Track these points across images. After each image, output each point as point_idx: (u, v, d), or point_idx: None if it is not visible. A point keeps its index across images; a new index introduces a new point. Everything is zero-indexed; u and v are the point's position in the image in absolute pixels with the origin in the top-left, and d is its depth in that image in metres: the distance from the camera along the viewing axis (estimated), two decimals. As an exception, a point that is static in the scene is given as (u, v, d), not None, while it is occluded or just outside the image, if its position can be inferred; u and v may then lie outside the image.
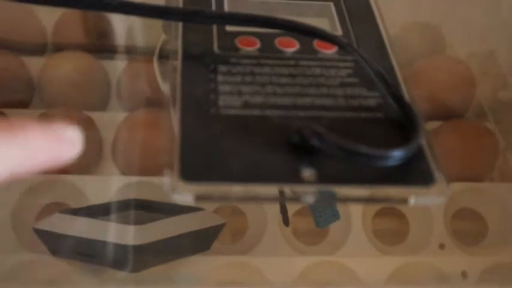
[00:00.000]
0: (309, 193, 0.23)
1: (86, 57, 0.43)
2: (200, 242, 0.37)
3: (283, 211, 0.35)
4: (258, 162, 0.23)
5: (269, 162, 0.23)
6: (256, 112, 0.25)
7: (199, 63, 0.27)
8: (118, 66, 0.45)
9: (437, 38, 0.49)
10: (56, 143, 0.20)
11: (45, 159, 0.19)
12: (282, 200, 0.26)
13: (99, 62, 0.44)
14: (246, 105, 0.25)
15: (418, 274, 0.37)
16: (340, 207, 0.39)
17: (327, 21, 0.31)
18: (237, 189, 0.23)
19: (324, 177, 0.23)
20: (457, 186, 0.41)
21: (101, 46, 0.45)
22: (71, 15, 0.45)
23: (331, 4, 0.31)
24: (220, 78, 0.27)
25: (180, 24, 0.29)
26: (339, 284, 0.37)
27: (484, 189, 0.41)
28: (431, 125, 0.44)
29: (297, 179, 0.23)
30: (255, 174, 0.23)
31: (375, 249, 0.40)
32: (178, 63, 0.27)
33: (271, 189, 0.23)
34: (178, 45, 0.28)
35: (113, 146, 0.41)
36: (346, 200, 0.24)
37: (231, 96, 0.26)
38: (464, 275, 0.38)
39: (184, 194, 0.22)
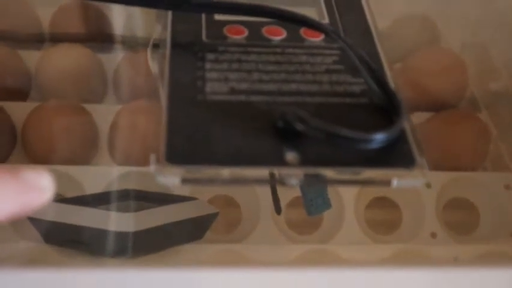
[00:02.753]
0: (292, 175, 0.24)
1: (83, 50, 0.44)
2: (193, 230, 0.37)
3: (275, 199, 0.36)
4: (243, 146, 0.24)
5: (254, 146, 0.24)
6: (242, 98, 0.26)
7: (187, 51, 0.28)
8: (115, 58, 0.45)
9: (432, 30, 0.50)
10: (24, 194, 0.19)
11: (13, 209, 0.19)
12: (271, 183, 0.27)
13: (96, 55, 0.44)
14: (233, 91, 0.26)
15: (409, 260, 0.38)
16: (334, 198, 0.40)
17: (315, 11, 0.31)
18: (222, 172, 0.23)
19: (307, 160, 0.24)
20: (450, 175, 0.41)
21: (98, 38, 0.46)
22: (67, 8, 0.45)
23: None
24: (207, 65, 0.27)
25: (170, 13, 0.29)
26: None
27: (476, 178, 0.41)
28: (424, 116, 0.44)
29: (281, 162, 0.23)
30: (240, 157, 0.24)
31: (367, 239, 0.40)
32: (167, 51, 0.28)
33: (256, 172, 0.24)
34: (167, 34, 0.29)
35: (109, 137, 0.41)
36: (331, 181, 0.24)
37: (217, 83, 0.26)
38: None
39: (170, 177, 0.23)
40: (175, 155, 0.23)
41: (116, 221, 0.34)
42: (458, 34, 0.50)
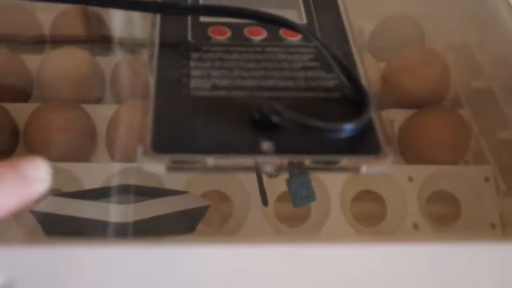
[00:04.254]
0: (268, 163, 0.26)
1: (82, 52, 0.46)
2: (185, 222, 0.39)
3: (262, 192, 0.38)
4: (223, 136, 0.26)
5: (233, 136, 0.26)
6: (223, 93, 0.28)
7: (174, 51, 0.30)
8: (113, 60, 0.47)
9: (417, 30, 0.52)
10: (23, 187, 0.19)
11: (14, 203, 0.19)
12: (250, 171, 0.29)
13: (94, 57, 0.47)
14: (215, 87, 0.28)
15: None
16: (320, 192, 0.42)
17: (295, 12, 0.33)
18: (205, 160, 0.25)
19: (281, 149, 0.26)
20: (432, 169, 0.43)
21: (97, 41, 0.48)
22: (66, 12, 0.48)
23: None
24: (192, 64, 0.29)
25: (158, 16, 0.32)
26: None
27: (457, 171, 0.43)
28: (408, 112, 0.46)
29: (257, 150, 0.25)
30: (220, 146, 0.26)
31: (353, 230, 0.42)
32: (155, 51, 0.30)
33: (237, 161, 0.26)
34: (156, 35, 0.31)
35: (107, 135, 0.44)
36: (306, 168, 0.27)
37: (201, 80, 0.28)
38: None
39: (155, 164, 0.25)
40: (160, 145, 0.25)
41: (113, 213, 0.36)
42: (444, 34, 0.52)
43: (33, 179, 0.20)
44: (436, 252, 0.28)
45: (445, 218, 0.43)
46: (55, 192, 0.40)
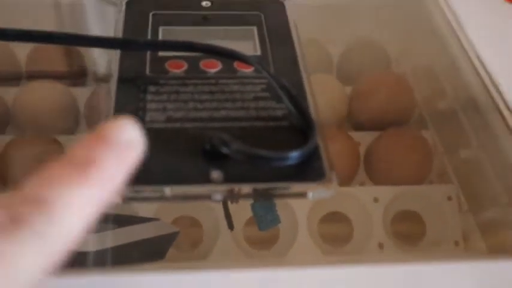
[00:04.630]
0: (217, 191, 0.27)
1: (57, 85, 0.48)
2: (155, 249, 0.40)
3: (227, 216, 0.39)
4: (176, 167, 0.27)
5: (186, 167, 0.27)
6: (177, 125, 0.29)
7: (132, 85, 0.31)
8: (87, 91, 0.49)
9: (383, 54, 0.53)
10: (121, 159, 0.18)
11: (119, 178, 0.18)
12: (205, 199, 0.30)
13: (69, 89, 0.48)
14: (169, 119, 0.29)
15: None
16: (288, 215, 0.43)
17: (251, 44, 0.35)
18: (161, 190, 0.27)
19: (230, 178, 0.27)
20: (396, 189, 0.44)
21: (72, 74, 0.49)
22: (42, 46, 0.49)
23: (255, 28, 0.36)
24: (148, 97, 0.31)
25: (118, 51, 0.33)
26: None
27: (421, 191, 0.45)
28: (374, 134, 0.47)
29: (207, 180, 0.27)
30: (175, 177, 0.27)
31: (320, 252, 0.43)
32: (113, 85, 0.31)
33: (190, 190, 0.27)
34: (115, 69, 0.32)
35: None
36: (257, 196, 0.28)
37: (156, 112, 0.30)
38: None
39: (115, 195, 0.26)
40: None
41: (83, 241, 0.37)
42: (410, 58, 0.53)
43: (125, 143, 0.18)
44: (401, 272, 0.29)
45: (410, 236, 0.45)
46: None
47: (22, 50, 0.50)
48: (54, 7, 0.49)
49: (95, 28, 0.50)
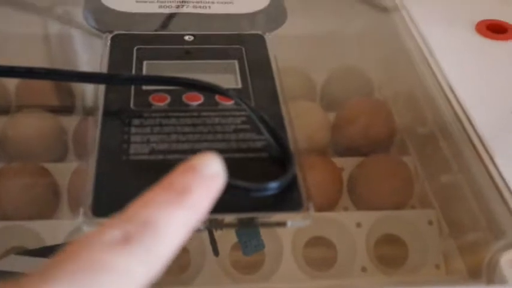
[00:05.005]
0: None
1: (45, 115, 0.49)
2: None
3: (212, 242, 0.40)
4: None
5: None
6: (160, 157, 0.30)
7: (116, 118, 0.33)
8: (74, 120, 0.50)
9: (365, 80, 0.55)
10: (210, 188, 0.21)
11: (207, 206, 0.21)
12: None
13: (57, 119, 0.49)
14: (153, 151, 0.30)
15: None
16: (273, 239, 0.44)
17: (232, 77, 0.36)
18: None
19: (210, 208, 0.28)
20: (378, 214, 0.45)
21: (60, 105, 0.50)
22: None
23: (236, 62, 0.37)
24: (133, 130, 0.32)
25: (103, 86, 0.34)
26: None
27: (402, 216, 0.46)
28: (357, 160, 0.48)
29: None
30: None
31: (305, 276, 0.44)
32: (98, 118, 0.32)
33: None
34: (100, 103, 0.33)
35: (68, 193, 0.46)
36: (237, 225, 0.29)
37: (140, 145, 0.31)
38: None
39: (95, 227, 0.27)
40: (101, 209, 0.28)
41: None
42: (391, 84, 0.55)
43: (212, 175, 0.21)
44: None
45: (393, 260, 0.45)
46: (17, 250, 0.42)
47: (12, 80, 0.51)
48: (44, 39, 0.50)
49: (84, 59, 0.51)
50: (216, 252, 0.40)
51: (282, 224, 0.29)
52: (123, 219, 0.19)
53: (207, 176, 0.21)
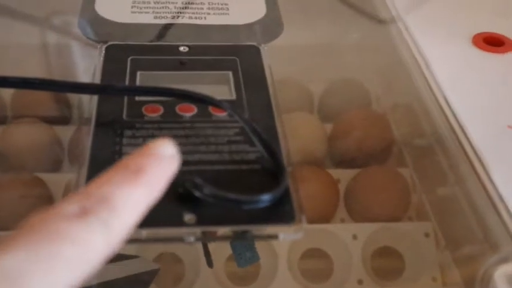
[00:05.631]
0: (190, 234, 0.28)
1: (40, 125, 0.48)
2: (135, 286, 0.41)
3: (206, 254, 0.40)
4: (152, 209, 0.28)
5: (159, 209, 0.28)
6: None
7: (109, 129, 0.32)
8: (70, 130, 0.50)
9: (363, 92, 0.54)
10: (164, 169, 0.22)
11: (162, 185, 0.22)
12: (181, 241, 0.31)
13: (52, 129, 0.49)
14: None
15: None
16: (268, 251, 0.44)
17: (226, 88, 0.36)
18: (137, 232, 0.27)
19: (202, 221, 0.28)
20: (375, 226, 0.45)
21: (55, 115, 0.50)
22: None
23: (230, 73, 0.37)
24: (125, 141, 0.31)
25: (96, 96, 0.34)
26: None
27: (399, 228, 0.45)
28: (354, 172, 0.48)
29: (180, 222, 0.28)
30: (149, 219, 0.28)
31: (299, 287, 0.44)
32: (90, 129, 0.32)
33: (165, 232, 0.28)
34: (93, 113, 0.33)
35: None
36: (228, 238, 0.29)
37: None
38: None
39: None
40: None
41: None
42: (390, 97, 0.55)
43: (166, 156, 0.23)
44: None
45: (389, 272, 0.45)
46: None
47: (8, 91, 0.51)
48: (39, 49, 0.50)
49: (80, 70, 0.51)
50: (210, 264, 0.40)
51: (274, 237, 0.28)
52: (80, 195, 0.20)
53: (161, 157, 0.22)
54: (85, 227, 0.18)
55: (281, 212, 0.28)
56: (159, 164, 0.22)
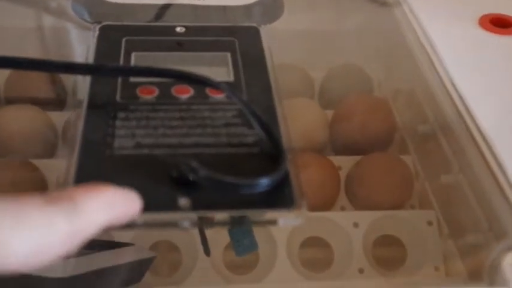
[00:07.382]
0: (185, 219, 0.27)
1: (34, 109, 0.47)
2: (131, 275, 0.40)
3: (204, 242, 0.39)
4: (143, 194, 0.27)
5: (153, 193, 0.27)
6: (145, 151, 0.29)
7: (101, 111, 0.31)
8: (64, 115, 0.48)
9: (364, 78, 0.53)
10: (127, 202, 0.24)
11: (123, 215, 0.23)
12: (176, 226, 0.30)
13: (46, 113, 0.48)
14: (138, 145, 0.29)
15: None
16: (267, 239, 0.43)
17: (224, 69, 0.35)
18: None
19: (197, 205, 0.27)
20: (376, 214, 0.44)
21: (49, 99, 0.49)
22: (19, 72, 0.49)
23: (228, 54, 0.35)
24: (118, 123, 0.30)
25: (88, 77, 0.33)
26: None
27: (401, 216, 0.44)
28: (355, 159, 0.47)
29: (174, 207, 0.26)
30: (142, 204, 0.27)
31: (300, 276, 0.42)
32: (83, 111, 0.31)
33: (159, 217, 0.27)
34: (85, 95, 0.32)
35: (56, 188, 0.44)
36: (223, 223, 0.27)
37: (125, 139, 0.29)
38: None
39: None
40: None
41: (55, 267, 0.37)
42: (392, 82, 0.53)
43: (127, 197, 0.24)
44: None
45: (391, 261, 0.44)
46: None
47: (1, 75, 0.50)
48: (34, 31, 0.49)
49: (75, 52, 0.49)
50: (207, 251, 0.39)
51: (273, 222, 0.27)
52: (46, 194, 0.21)
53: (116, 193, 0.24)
54: (50, 209, 0.20)
55: (281, 196, 0.27)
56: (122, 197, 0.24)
